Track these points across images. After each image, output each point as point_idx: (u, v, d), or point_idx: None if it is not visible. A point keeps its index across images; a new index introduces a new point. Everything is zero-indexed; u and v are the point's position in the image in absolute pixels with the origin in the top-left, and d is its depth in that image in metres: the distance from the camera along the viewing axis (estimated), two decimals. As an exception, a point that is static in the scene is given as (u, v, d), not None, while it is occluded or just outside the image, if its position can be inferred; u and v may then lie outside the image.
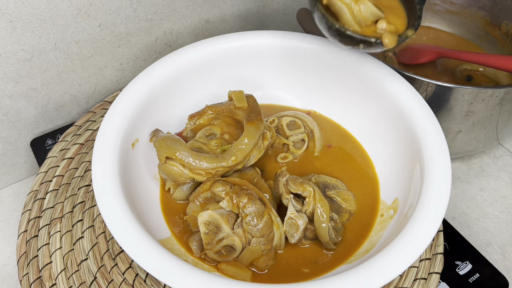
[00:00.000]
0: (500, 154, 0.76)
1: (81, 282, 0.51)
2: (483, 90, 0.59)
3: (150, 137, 0.53)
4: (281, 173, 0.52)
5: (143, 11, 0.67)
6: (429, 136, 0.51)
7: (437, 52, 0.73)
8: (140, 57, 0.72)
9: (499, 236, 0.65)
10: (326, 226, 0.48)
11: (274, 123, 0.61)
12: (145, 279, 0.51)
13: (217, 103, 0.58)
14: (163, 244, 0.47)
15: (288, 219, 0.49)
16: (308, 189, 0.49)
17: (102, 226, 0.55)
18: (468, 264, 0.58)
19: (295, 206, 0.49)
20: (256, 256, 0.48)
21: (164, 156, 0.49)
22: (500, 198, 0.70)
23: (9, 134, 0.65)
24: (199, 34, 0.77)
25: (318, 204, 0.49)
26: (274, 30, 0.64)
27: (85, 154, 0.62)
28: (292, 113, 0.63)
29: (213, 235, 0.47)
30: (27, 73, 0.62)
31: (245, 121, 0.53)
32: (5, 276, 0.59)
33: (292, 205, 0.49)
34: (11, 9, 0.55)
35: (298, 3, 0.85)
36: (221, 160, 0.50)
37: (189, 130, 0.57)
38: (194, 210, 0.50)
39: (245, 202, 0.47)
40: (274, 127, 0.59)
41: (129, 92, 0.55)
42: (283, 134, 0.60)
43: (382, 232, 0.51)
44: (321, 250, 0.51)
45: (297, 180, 0.50)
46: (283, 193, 0.50)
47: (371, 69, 0.59)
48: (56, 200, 0.58)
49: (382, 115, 0.59)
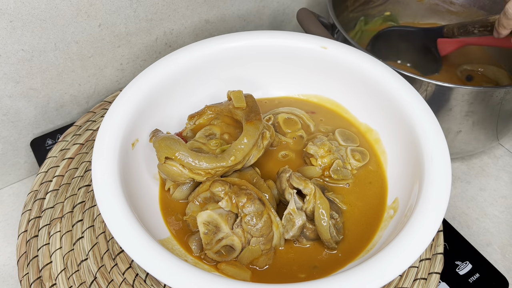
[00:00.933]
0: (500, 154, 0.76)
1: (81, 282, 0.51)
2: (483, 90, 0.59)
3: (149, 137, 0.53)
4: (284, 170, 0.52)
5: (143, 11, 0.67)
6: (429, 136, 0.51)
7: (460, 40, 0.73)
8: (140, 57, 0.72)
9: (499, 236, 0.65)
10: (327, 224, 0.48)
11: (271, 121, 0.61)
12: (145, 279, 0.51)
13: (216, 103, 0.58)
14: (163, 244, 0.47)
15: (288, 214, 0.49)
16: (310, 186, 0.49)
17: (102, 226, 0.55)
18: (468, 264, 0.58)
19: (297, 202, 0.49)
20: (255, 256, 0.48)
21: (163, 156, 0.49)
22: (500, 198, 0.70)
23: (9, 134, 0.65)
24: (199, 34, 0.77)
25: (318, 201, 0.49)
26: (274, 30, 0.64)
27: (85, 154, 0.63)
28: (287, 109, 0.63)
29: (213, 235, 0.47)
30: (27, 73, 0.62)
31: (244, 121, 0.53)
32: (5, 276, 0.59)
33: (294, 200, 0.49)
34: (11, 9, 0.55)
35: (298, 3, 0.85)
36: (220, 160, 0.50)
37: (188, 130, 0.57)
38: (194, 210, 0.50)
39: (244, 201, 0.47)
40: (271, 125, 0.59)
41: (129, 92, 0.55)
42: (280, 131, 0.60)
43: (382, 232, 0.51)
44: (322, 250, 0.50)
45: (300, 176, 0.50)
46: (286, 188, 0.50)
47: (371, 69, 0.59)
48: (56, 200, 0.58)
49: (382, 115, 0.59)
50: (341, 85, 0.63)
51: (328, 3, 0.71)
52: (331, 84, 0.63)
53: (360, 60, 0.60)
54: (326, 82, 0.64)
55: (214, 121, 0.56)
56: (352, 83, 0.62)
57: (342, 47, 0.61)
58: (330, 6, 0.71)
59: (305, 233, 0.50)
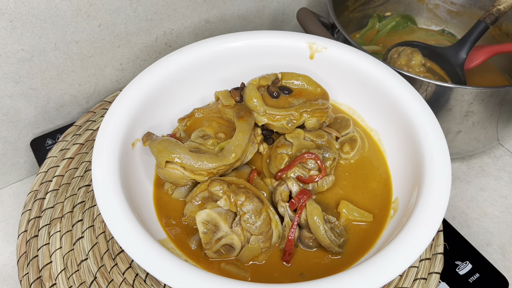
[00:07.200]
0: (500, 154, 0.76)
1: (81, 282, 0.51)
2: (483, 90, 0.59)
3: (143, 141, 0.53)
4: (279, 183, 0.52)
5: (143, 11, 0.67)
6: (429, 136, 0.51)
7: (490, 50, 0.73)
8: (140, 57, 0.72)
9: (499, 236, 0.65)
10: (323, 229, 0.48)
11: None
12: (145, 279, 0.51)
13: (204, 105, 0.58)
14: (162, 244, 0.47)
15: (284, 226, 0.50)
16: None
17: (102, 226, 0.55)
18: (468, 264, 0.58)
19: (290, 215, 0.49)
20: (255, 254, 0.48)
21: (164, 160, 0.49)
22: (500, 198, 0.69)
23: (9, 134, 0.65)
24: (199, 34, 0.77)
25: (309, 208, 0.49)
26: (274, 30, 0.64)
27: (85, 154, 0.62)
28: None
29: (212, 234, 0.47)
30: (27, 73, 0.62)
31: (235, 118, 0.53)
32: (5, 276, 0.59)
33: (288, 214, 0.49)
34: (11, 9, 0.55)
35: (298, 3, 0.85)
36: (221, 158, 0.50)
37: (181, 131, 0.56)
38: (192, 210, 0.50)
39: (242, 200, 0.47)
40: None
41: (129, 92, 0.55)
42: None
43: (382, 232, 0.51)
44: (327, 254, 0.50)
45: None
46: (279, 201, 0.50)
47: (371, 69, 0.59)
48: (56, 200, 0.58)
49: (382, 115, 0.59)
50: (341, 85, 0.63)
51: (328, 3, 0.71)
52: (331, 84, 0.63)
53: (360, 60, 0.60)
54: (326, 82, 0.64)
55: (205, 122, 0.56)
56: (352, 83, 0.62)
57: (342, 47, 0.61)
58: (330, 6, 0.71)
59: (307, 243, 0.50)
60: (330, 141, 0.57)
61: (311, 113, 0.55)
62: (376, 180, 0.57)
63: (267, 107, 0.55)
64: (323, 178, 0.53)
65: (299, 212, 0.49)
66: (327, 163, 0.54)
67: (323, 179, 0.53)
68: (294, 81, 0.59)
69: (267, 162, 0.57)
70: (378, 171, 0.57)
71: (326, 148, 0.55)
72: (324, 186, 0.54)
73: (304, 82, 0.59)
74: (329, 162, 0.54)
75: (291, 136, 0.56)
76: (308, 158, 0.52)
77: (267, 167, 0.56)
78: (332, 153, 0.55)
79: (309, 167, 0.53)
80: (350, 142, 0.58)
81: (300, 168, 0.53)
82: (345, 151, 0.57)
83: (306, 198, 0.49)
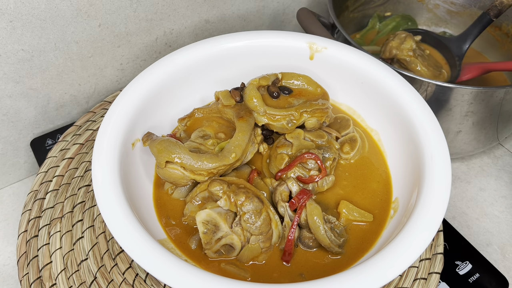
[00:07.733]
0: (500, 154, 0.76)
1: (81, 282, 0.51)
2: (483, 90, 0.59)
3: (143, 141, 0.53)
4: (279, 183, 0.52)
5: (143, 11, 0.67)
6: (429, 136, 0.51)
7: (482, 67, 0.73)
8: (140, 57, 0.72)
9: (499, 236, 0.65)
10: (323, 229, 0.48)
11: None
12: (145, 279, 0.51)
13: (204, 105, 0.58)
14: (162, 244, 0.47)
15: (284, 226, 0.50)
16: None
17: (102, 226, 0.55)
18: (468, 264, 0.58)
19: (290, 215, 0.50)
20: (255, 254, 0.48)
21: (164, 160, 0.49)
22: (500, 198, 0.69)
23: (9, 134, 0.65)
24: (199, 34, 0.77)
25: (309, 208, 0.49)
26: (274, 30, 0.64)
27: (85, 154, 0.63)
28: None
29: (212, 234, 0.47)
30: (27, 73, 0.62)
31: (235, 118, 0.53)
32: (5, 276, 0.59)
33: (288, 214, 0.50)
34: (11, 9, 0.55)
35: (298, 3, 0.85)
36: (222, 158, 0.50)
37: (181, 131, 0.56)
38: (192, 210, 0.50)
39: (242, 200, 0.47)
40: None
41: (129, 92, 0.55)
42: None
43: (382, 232, 0.51)
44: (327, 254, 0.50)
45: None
46: (279, 201, 0.50)
47: (371, 69, 0.59)
48: (56, 200, 0.58)
49: (382, 115, 0.59)
50: (341, 85, 0.63)
51: (328, 3, 0.71)
52: (331, 84, 0.63)
53: (360, 60, 0.60)
54: (326, 82, 0.64)
55: (205, 122, 0.56)
56: (352, 83, 0.62)
57: (342, 47, 0.61)
58: (330, 6, 0.71)
59: (307, 243, 0.50)
60: (330, 141, 0.57)
61: (311, 113, 0.55)
62: (376, 180, 0.56)
63: (267, 107, 0.55)
64: (323, 178, 0.53)
65: (299, 212, 0.49)
66: (327, 163, 0.54)
67: (323, 179, 0.53)
68: (294, 81, 0.59)
69: (267, 162, 0.57)
70: (378, 171, 0.57)
71: (326, 148, 0.55)
72: (324, 186, 0.54)
73: (304, 82, 0.59)
74: (329, 162, 0.54)
75: (291, 136, 0.56)
76: (308, 158, 0.52)
77: (267, 167, 0.56)
78: (332, 153, 0.55)
79: (309, 167, 0.53)
80: (350, 142, 0.58)
81: (300, 168, 0.53)
82: (345, 151, 0.57)
83: (306, 198, 0.49)
